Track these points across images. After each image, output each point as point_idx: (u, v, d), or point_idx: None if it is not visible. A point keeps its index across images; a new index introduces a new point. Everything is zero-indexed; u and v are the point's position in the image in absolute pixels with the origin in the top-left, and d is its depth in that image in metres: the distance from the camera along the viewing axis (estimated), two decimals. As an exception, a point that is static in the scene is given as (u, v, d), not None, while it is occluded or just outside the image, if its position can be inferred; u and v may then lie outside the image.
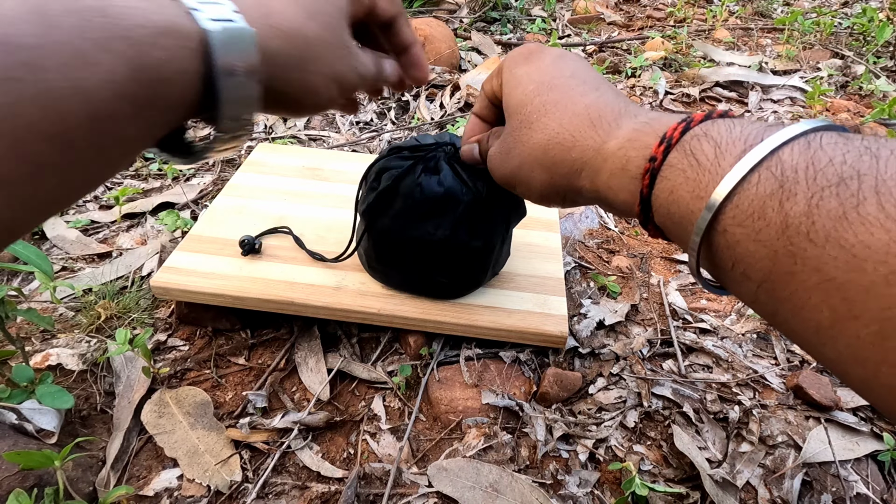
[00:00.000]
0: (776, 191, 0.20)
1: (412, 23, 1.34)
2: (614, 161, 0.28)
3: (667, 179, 0.25)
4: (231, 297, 0.58)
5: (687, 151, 0.24)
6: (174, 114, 0.25)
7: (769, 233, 0.20)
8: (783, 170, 0.20)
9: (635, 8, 1.90)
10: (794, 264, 0.19)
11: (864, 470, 0.52)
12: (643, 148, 0.26)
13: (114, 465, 0.49)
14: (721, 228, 0.22)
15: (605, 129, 0.29)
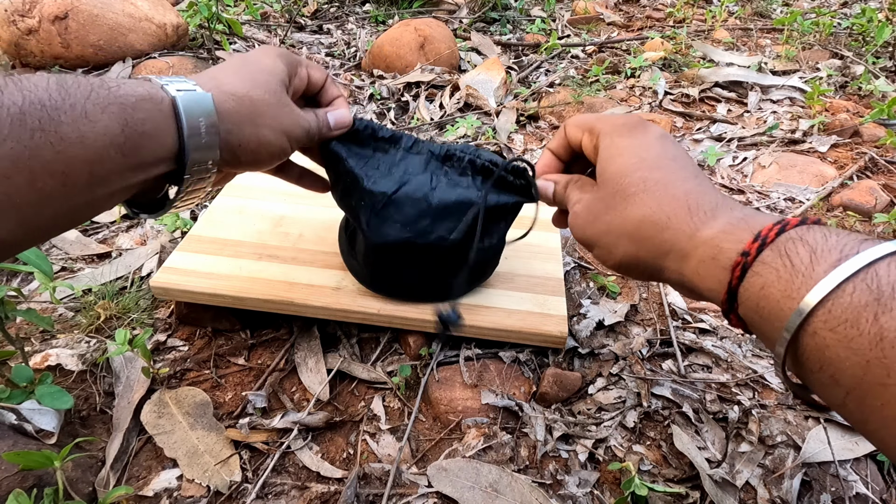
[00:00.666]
0: (871, 303, 0.21)
1: (412, 23, 1.34)
2: (706, 249, 0.29)
3: (758, 275, 0.25)
4: (231, 298, 0.58)
5: (782, 252, 0.25)
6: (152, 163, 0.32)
7: (862, 342, 0.20)
8: (879, 284, 0.21)
9: (635, 8, 1.90)
10: (888, 377, 0.20)
11: (864, 470, 0.52)
12: (737, 242, 0.27)
13: (113, 466, 0.49)
14: (811, 331, 0.22)
15: (701, 217, 0.30)
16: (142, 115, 0.30)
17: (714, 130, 1.12)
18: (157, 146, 0.32)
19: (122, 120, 0.29)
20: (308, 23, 1.62)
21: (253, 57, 0.41)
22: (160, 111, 0.31)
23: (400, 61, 1.29)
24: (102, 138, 0.28)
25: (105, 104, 0.28)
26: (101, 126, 0.28)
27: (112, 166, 0.29)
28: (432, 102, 1.18)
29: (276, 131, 0.39)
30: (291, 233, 0.66)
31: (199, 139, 0.33)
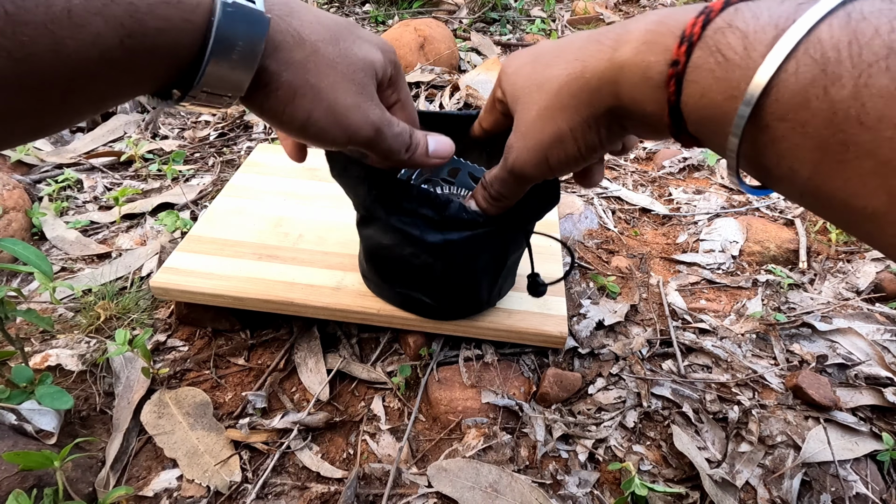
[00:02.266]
0: (818, 76, 0.18)
1: (411, 23, 1.34)
2: (632, 69, 0.25)
3: (695, 83, 0.22)
4: (230, 298, 0.58)
5: (712, 48, 0.22)
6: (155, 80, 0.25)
7: (815, 122, 0.18)
8: (823, 51, 0.18)
9: (635, 8, 1.90)
10: (846, 152, 0.18)
11: (864, 470, 0.52)
12: (663, 51, 0.24)
13: (113, 466, 0.49)
14: (762, 125, 0.20)
15: (614, 38, 0.26)
16: (158, 23, 0.22)
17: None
18: (170, 62, 0.24)
19: (124, 28, 0.21)
20: (308, 23, 1.62)
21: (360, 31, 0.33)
22: (188, 22, 0.23)
23: (400, 61, 1.29)
24: (89, 50, 0.21)
25: (103, 2, 0.20)
26: (88, 33, 0.20)
27: (97, 86, 0.22)
28: (432, 103, 1.18)
29: (321, 103, 0.29)
30: (291, 233, 0.66)
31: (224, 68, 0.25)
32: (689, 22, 0.22)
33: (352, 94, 0.31)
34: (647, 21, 0.25)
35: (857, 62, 0.17)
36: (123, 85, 0.24)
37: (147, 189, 0.87)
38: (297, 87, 0.28)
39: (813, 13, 0.19)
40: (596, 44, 0.27)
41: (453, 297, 0.53)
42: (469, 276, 0.50)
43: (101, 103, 0.24)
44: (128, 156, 0.92)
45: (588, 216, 0.83)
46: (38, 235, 0.76)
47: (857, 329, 0.65)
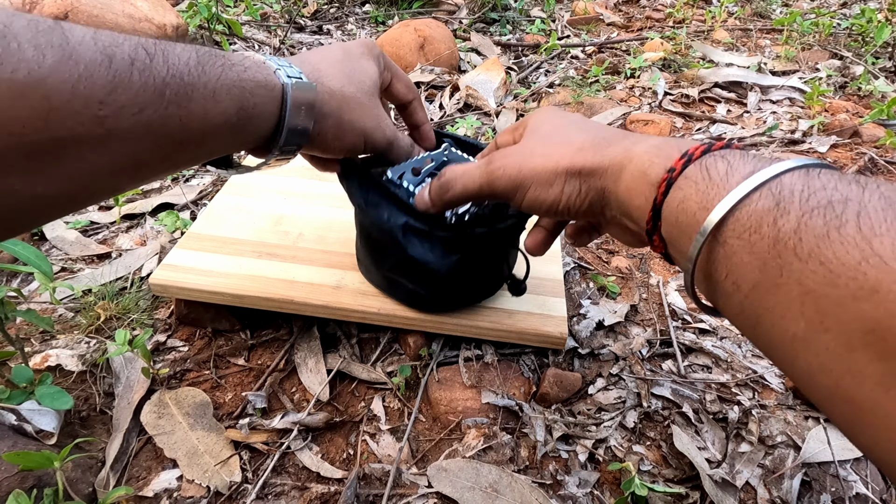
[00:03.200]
0: (773, 208, 0.22)
1: (411, 24, 1.34)
2: (638, 164, 0.29)
3: (680, 189, 0.26)
4: (230, 296, 0.58)
5: (702, 167, 0.26)
6: (251, 141, 0.35)
7: (762, 245, 0.22)
8: (781, 190, 0.22)
9: (634, 9, 1.90)
10: (780, 276, 0.21)
11: (864, 470, 0.52)
12: (666, 158, 0.28)
13: (113, 466, 0.49)
14: (722, 240, 0.24)
15: (634, 139, 0.32)
16: (256, 99, 0.33)
17: (714, 131, 1.12)
18: (260, 127, 0.35)
19: (239, 103, 0.31)
20: (308, 23, 1.62)
21: (354, 52, 0.43)
22: (272, 97, 0.34)
23: (400, 62, 1.29)
24: (220, 117, 0.30)
25: (231, 86, 0.31)
26: (222, 106, 0.30)
27: (220, 142, 0.32)
28: (432, 103, 1.18)
29: (355, 130, 0.42)
30: (291, 231, 0.66)
31: (297, 124, 0.36)
32: (694, 146, 0.27)
33: (371, 116, 0.42)
34: (660, 139, 0.31)
35: (804, 205, 0.21)
36: (231, 144, 0.34)
37: (147, 189, 0.87)
38: (339, 125, 0.41)
39: (784, 164, 0.23)
40: (622, 136, 0.33)
41: (429, 286, 0.53)
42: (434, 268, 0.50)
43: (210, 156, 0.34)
44: (128, 156, 0.92)
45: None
46: (38, 236, 0.76)
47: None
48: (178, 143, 0.29)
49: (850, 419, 0.19)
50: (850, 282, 0.18)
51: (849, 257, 0.18)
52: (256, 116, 0.33)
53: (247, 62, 0.33)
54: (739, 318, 0.24)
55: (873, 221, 0.19)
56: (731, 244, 0.23)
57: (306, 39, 1.52)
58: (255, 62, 0.34)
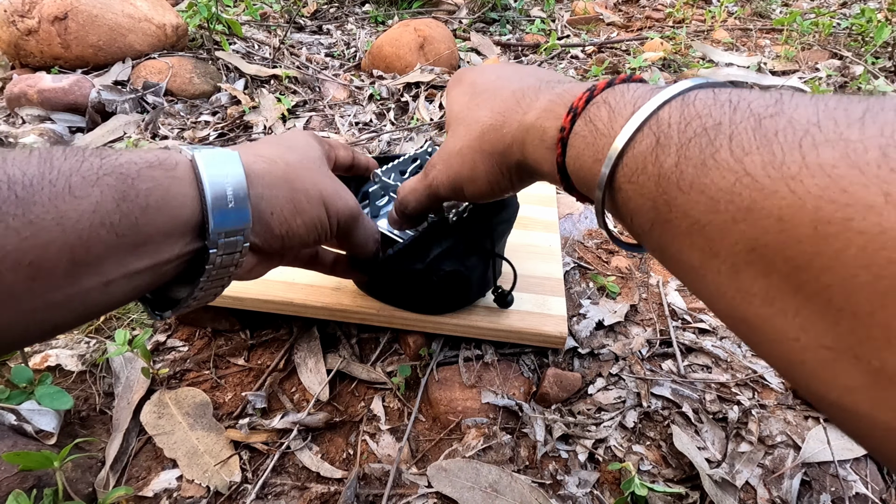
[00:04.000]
0: (654, 146, 0.22)
1: (411, 23, 1.34)
2: (534, 132, 0.29)
3: (574, 147, 0.26)
4: (230, 298, 0.58)
5: (588, 119, 0.26)
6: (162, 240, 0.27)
7: (649, 185, 0.22)
8: (660, 126, 0.22)
9: (634, 9, 1.91)
10: (670, 212, 0.21)
11: (863, 470, 0.52)
12: (555, 119, 0.28)
13: (113, 466, 0.49)
14: (617, 186, 0.24)
15: (527, 103, 0.31)
16: (147, 184, 0.26)
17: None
18: (167, 219, 0.26)
19: (118, 193, 0.24)
20: (307, 23, 1.62)
21: (287, 135, 0.40)
22: (173, 177, 0.27)
23: (399, 62, 1.29)
24: (90, 217, 0.23)
25: (97, 176, 0.24)
26: (88, 203, 0.23)
27: (102, 249, 0.24)
28: (432, 103, 1.19)
29: (312, 198, 0.35)
30: (291, 233, 0.66)
31: (225, 203, 0.28)
32: (578, 96, 0.27)
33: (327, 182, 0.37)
34: (551, 92, 0.30)
35: (681, 137, 0.21)
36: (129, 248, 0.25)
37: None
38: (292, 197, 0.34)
39: (660, 96, 0.23)
40: (515, 104, 0.32)
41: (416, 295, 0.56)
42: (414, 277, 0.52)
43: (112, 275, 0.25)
44: (127, 156, 0.92)
45: (588, 216, 0.83)
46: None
47: (857, 329, 0.65)
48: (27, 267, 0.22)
49: (749, 338, 0.19)
50: (728, 205, 0.18)
51: (725, 181, 0.19)
52: (154, 206, 0.26)
53: (130, 150, 0.27)
54: (655, 255, 0.24)
55: (744, 142, 0.19)
56: (626, 189, 0.23)
57: (306, 39, 1.52)
58: (145, 149, 0.28)
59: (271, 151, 0.34)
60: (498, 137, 0.32)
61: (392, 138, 1.05)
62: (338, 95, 1.21)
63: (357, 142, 1.03)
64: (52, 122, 1.02)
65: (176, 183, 0.27)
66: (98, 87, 1.06)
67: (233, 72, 1.23)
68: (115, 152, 0.26)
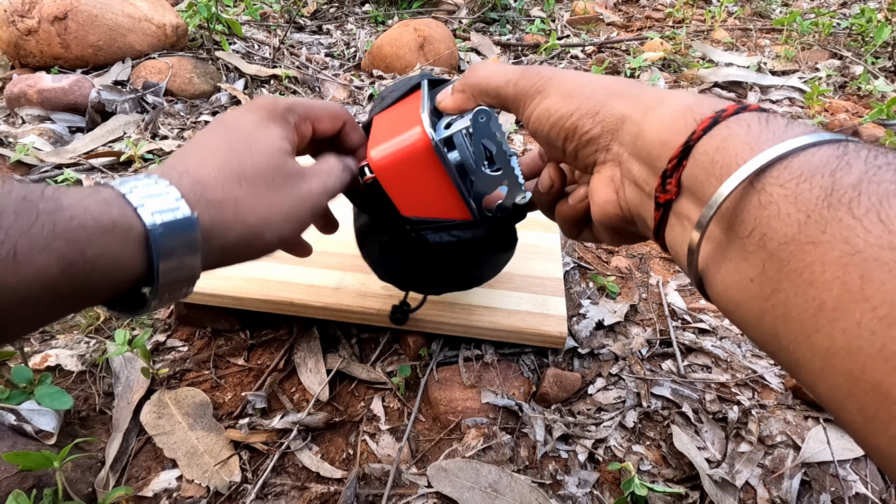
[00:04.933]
0: (832, 160, 0.19)
1: (411, 23, 1.34)
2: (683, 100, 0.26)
3: (728, 128, 0.23)
4: (230, 298, 0.58)
5: (760, 116, 0.23)
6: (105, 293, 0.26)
7: (809, 196, 0.19)
8: (846, 149, 0.20)
9: (634, 9, 1.91)
10: (823, 233, 0.18)
11: (863, 469, 0.52)
12: (710, 107, 0.24)
13: (113, 466, 0.49)
14: (760, 186, 0.21)
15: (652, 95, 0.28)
16: (96, 249, 0.24)
17: (713, 130, 1.12)
18: (112, 280, 0.26)
19: (65, 260, 0.23)
20: (307, 23, 1.62)
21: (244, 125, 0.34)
22: (124, 243, 0.25)
23: (399, 61, 1.29)
24: (30, 284, 0.22)
25: (47, 241, 0.22)
26: (32, 270, 0.22)
27: (42, 309, 0.24)
28: (432, 103, 1.18)
29: (272, 224, 0.32)
30: (291, 233, 0.66)
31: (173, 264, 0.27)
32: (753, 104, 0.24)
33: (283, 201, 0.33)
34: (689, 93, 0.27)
35: (870, 163, 0.18)
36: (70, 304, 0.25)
37: (147, 189, 0.87)
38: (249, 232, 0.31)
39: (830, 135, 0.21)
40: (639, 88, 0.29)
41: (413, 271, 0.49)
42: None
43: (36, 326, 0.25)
44: (127, 156, 0.92)
45: (588, 216, 0.83)
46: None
47: (857, 329, 0.65)
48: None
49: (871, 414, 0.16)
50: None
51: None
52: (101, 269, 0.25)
53: (85, 200, 0.25)
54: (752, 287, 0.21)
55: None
56: (771, 192, 0.20)
57: (306, 39, 1.52)
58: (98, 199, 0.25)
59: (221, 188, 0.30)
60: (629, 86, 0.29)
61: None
62: (338, 95, 1.21)
63: (357, 142, 1.03)
64: (51, 122, 1.02)
65: (127, 249, 0.26)
66: (98, 87, 1.06)
67: (233, 72, 1.23)
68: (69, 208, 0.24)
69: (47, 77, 1.05)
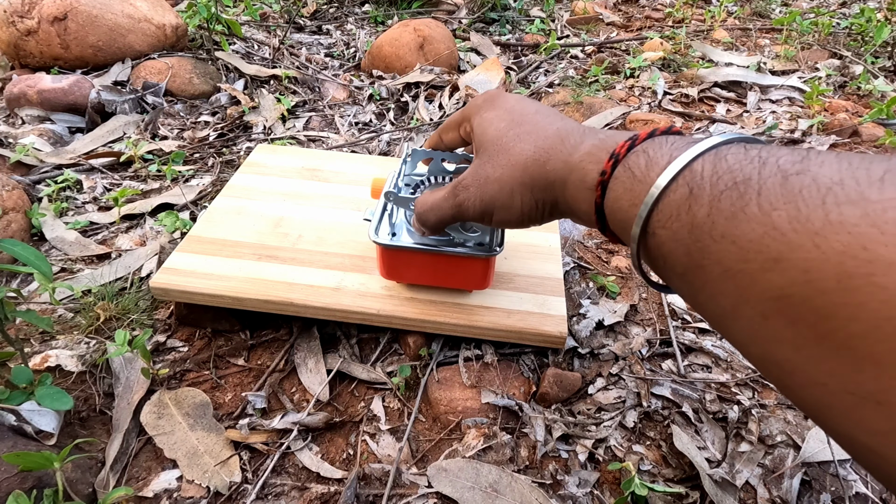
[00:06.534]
0: (687, 197, 0.23)
1: (411, 23, 1.34)
2: (577, 173, 0.31)
3: (613, 191, 0.28)
4: (230, 298, 0.58)
5: (627, 166, 0.28)
6: None
7: (682, 233, 0.23)
8: (693, 178, 0.24)
9: (634, 8, 1.90)
10: (703, 258, 0.22)
11: (863, 469, 0.52)
12: (597, 163, 0.30)
13: (113, 467, 0.49)
14: (651, 231, 0.25)
15: (572, 143, 0.33)
16: None
17: (713, 130, 1.12)
18: None
19: None
20: (307, 23, 1.62)
21: None
22: None
23: (399, 62, 1.29)
24: None
25: None
26: None
27: None
28: (432, 103, 1.18)
29: None
30: (291, 233, 0.66)
31: None
32: (620, 144, 0.29)
33: None
34: (595, 137, 0.32)
35: (713, 190, 0.22)
36: None
37: (146, 189, 0.87)
38: None
39: (694, 149, 0.24)
40: (560, 143, 0.34)
41: None
42: None
43: None
44: (127, 156, 0.92)
45: (588, 216, 0.83)
46: (38, 236, 0.76)
47: (857, 328, 0.65)
48: None
49: (779, 381, 0.20)
50: (757, 255, 0.20)
51: (754, 233, 0.20)
52: None
53: None
54: (686, 298, 0.26)
55: (771, 197, 0.20)
56: (659, 234, 0.25)
57: (306, 39, 1.52)
58: None
59: None
60: (541, 172, 0.34)
61: (392, 138, 1.05)
62: (337, 95, 1.21)
63: (357, 142, 1.03)
64: (51, 122, 1.02)
65: None
66: (98, 88, 1.06)
67: (232, 72, 1.23)
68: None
69: (47, 77, 1.04)
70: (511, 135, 0.37)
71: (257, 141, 1.01)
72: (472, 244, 0.54)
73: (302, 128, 1.07)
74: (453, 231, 0.54)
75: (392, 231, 0.56)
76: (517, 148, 0.36)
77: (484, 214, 0.38)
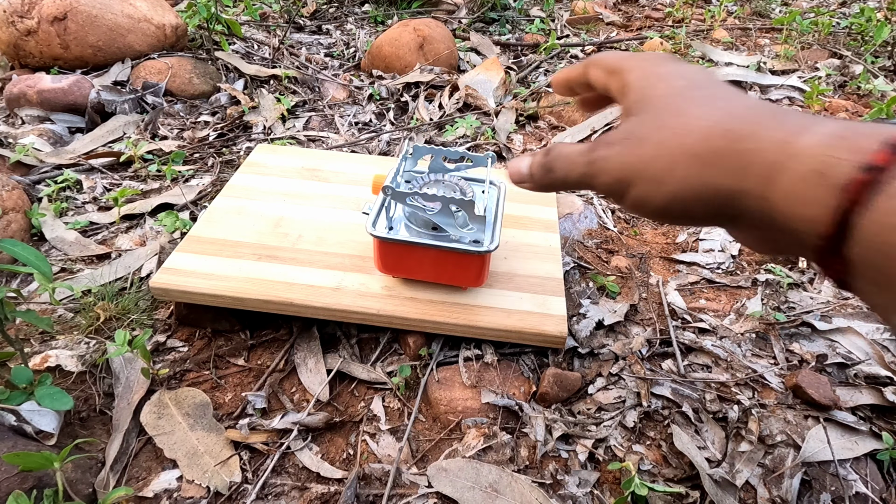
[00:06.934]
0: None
1: (410, 23, 1.34)
2: (808, 161, 0.21)
3: (892, 198, 0.19)
4: (230, 298, 0.58)
5: None
6: None
7: None
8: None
9: (634, 8, 1.90)
10: None
11: (863, 469, 0.52)
12: (854, 151, 0.20)
13: (113, 467, 0.49)
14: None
15: (795, 122, 0.23)
16: None
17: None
18: None
19: None
20: (307, 23, 1.62)
21: None
22: None
23: (399, 61, 1.29)
24: None
25: None
26: None
27: None
28: (431, 103, 1.18)
29: None
30: (291, 233, 0.66)
31: None
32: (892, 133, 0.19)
33: None
34: (836, 124, 0.22)
35: None
36: None
37: (146, 189, 0.87)
38: None
39: None
40: (772, 118, 0.24)
41: None
42: None
43: None
44: (127, 156, 0.92)
45: (587, 216, 0.83)
46: (38, 236, 0.76)
47: (857, 328, 0.65)
48: None
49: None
50: None
51: None
52: None
53: None
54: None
55: None
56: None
57: (305, 39, 1.52)
58: None
59: None
60: (732, 149, 0.24)
61: (392, 138, 1.05)
62: (337, 95, 1.21)
63: (357, 142, 1.03)
64: (51, 122, 1.02)
65: None
66: (97, 88, 1.06)
67: (232, 72, 1.22)
68: None
69: (47, 77, 1.04)
70: (690, 95, 0.27)
71: (257, 141, 1.01)
72: (467, 241, 0.54)
73: (302, 128, 1.07)
74: (450, 227, 0.54)
75: (389, 225, 0.57)
76: (698, 111, 0.26)
77: (619, 183, 0.28)
